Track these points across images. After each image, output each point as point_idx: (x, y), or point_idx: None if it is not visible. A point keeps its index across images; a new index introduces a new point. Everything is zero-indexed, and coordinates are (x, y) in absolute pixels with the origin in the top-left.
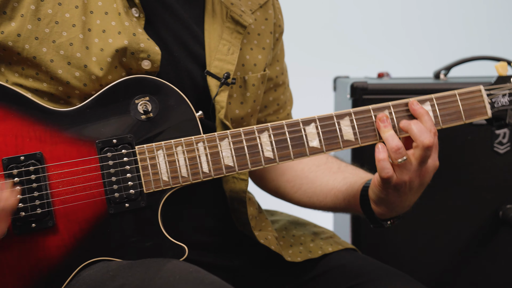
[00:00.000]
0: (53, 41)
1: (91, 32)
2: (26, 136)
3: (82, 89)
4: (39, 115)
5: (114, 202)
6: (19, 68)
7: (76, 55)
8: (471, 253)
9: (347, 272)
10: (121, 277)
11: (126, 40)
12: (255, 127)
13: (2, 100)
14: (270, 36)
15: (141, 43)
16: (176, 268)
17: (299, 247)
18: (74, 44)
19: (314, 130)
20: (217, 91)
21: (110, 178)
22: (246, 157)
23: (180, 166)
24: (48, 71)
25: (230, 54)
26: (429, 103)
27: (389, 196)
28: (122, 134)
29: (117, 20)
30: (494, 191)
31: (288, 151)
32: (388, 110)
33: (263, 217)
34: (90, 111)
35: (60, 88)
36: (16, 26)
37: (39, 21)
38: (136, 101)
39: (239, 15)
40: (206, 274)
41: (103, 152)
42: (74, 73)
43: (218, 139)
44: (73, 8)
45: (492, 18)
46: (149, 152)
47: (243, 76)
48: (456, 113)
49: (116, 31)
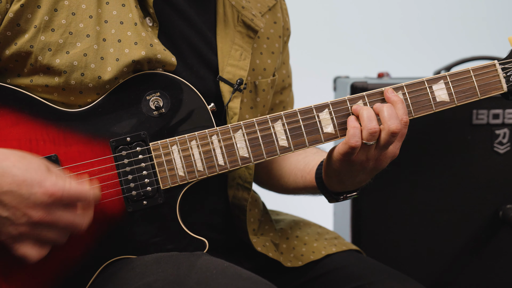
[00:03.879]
0: (67, 52)
1: (105, 42)
2: (40, 139)
3: (94, 98)
4: (51, 117)
5: (131, 200)
6: (27, 80)
7: (90, 66)
8: (471, 253)
9: (348, 273)
10: (150, 274)
11: (143, 51)
12: (268, 116)
13: (13, 104)
14: (279, 40)
15: (158, 54)
16: (210, 264)
17: (302, 247)
18: (88, 54)
19: (327, 116)
20: (230, 97)
21: (126, 177)
22: (261, 147)
23: (195, 160)
24: (60, 82)
25: (242, 59)
26: (443, 81)
27: (341, 170)
28: (136, 132)
29: (133, 30)
30: (494, 191)
31: (303, 138)
32: (401, 90)
33: (268, 219)
34: (101, 110)
35: (72, 98)
36: (29, 37)
37: (53, 32)
38: (148, 97)
39: (250, 19)
40: (241, 269)
41: (117, 151)
42: (87, 84)
43: (232, 130)
44: (87, 18)
45: (492, 18)
46: (163, 148)
47: (254, 81)
48: (471, 89)
49: (132, 41)
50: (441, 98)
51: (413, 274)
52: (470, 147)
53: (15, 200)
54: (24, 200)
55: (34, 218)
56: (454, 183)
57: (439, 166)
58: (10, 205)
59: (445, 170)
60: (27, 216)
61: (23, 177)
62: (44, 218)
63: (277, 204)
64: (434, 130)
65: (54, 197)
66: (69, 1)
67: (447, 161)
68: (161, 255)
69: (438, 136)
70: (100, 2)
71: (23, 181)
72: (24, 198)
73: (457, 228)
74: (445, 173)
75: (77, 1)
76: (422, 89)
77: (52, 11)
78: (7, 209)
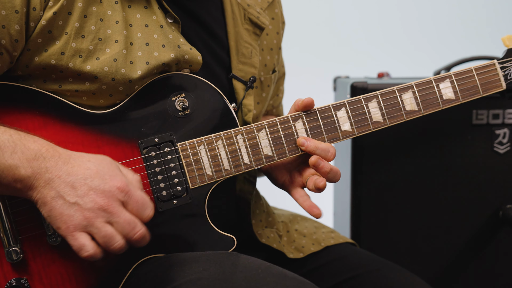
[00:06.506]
0: (97, 58)
1: (133, 46)
2: (69, 141)
3: (123, 98)
4: (78, 119)
5: (162, 200)
6: (55, 86)
7: (121, 71)
8: (471, 253)
9: (347, 263)
10: (192, 272)
11: (172, 54)
12: (289, 115)
13: (40, 107)
14: (277, 37)
15: (186, 55)
16: (253, 263)
17: (302, 240)
18: (118, 60)
19: (344, 114)
20: (243, 95)
21: (156, 177)
22: (283, 145)
23: (222, 159)
24: (91, 87)
25: (252, 57)
26: (448, 80)
27: None
28: (163, 133)
29: (160, 32)
30: (494, 191)
31: (323, 136)
32: (411, 89)
33: (271, 211)
34: (128, 112)
35: (101, 101)
36: (60, 44)
37: (83, 38)
38: (173, 98)
39: (256, 17)
40: (283, 269)
41: (146, 152)
42: (118, 88)
43: (255, 130)
44: (114, 24)
45: (492, 18)
46: (191, 149)
47: (259, 77)
48: (474, 87)
49: (159, 44)
50: (448, 96)
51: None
52: (470, 147)
53: (86, 187)
54: (94, 188)
55: (100, 203)
56: (454, 183)
57: (439, 166)
58: (81, 191)
59: (445, 170)
60: (94, 201)
61: (96, 169)
62: (108, 206)
63: (277, 202)
64: (434, 130)
65: (121, 191)
66: (97, 7)
67: (447, 161)
68: (198, 254)
69: (438, 136)
70: (123, 6)
71: (96, 172)
72: (95, 186)
73: (457, 228)
74: (445, 173)
75: (103, 8)
76: (430, 87)
77: (82, 17)
78: (77, 195)
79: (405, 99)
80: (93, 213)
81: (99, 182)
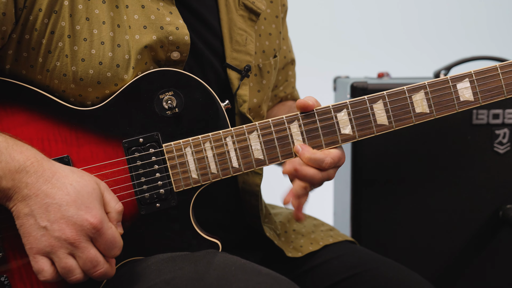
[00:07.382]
0: (84, 39)
1: (120, 29)
2: (52, 139)
3: (112, 89)
4: (62, 115)
5: (145, 203)
6: (43, 71)
7: (108, 55)
8: (471, 253)
9: (346, 262)
10: (168, 271)
11: (154, 35)
12: (284, 117)
13: (24, 103)
14: (276, 21)
15: (170, 36)
16: (227, 260)
17: (301, 239)
18: (105, 42)
19: (346, 116)
20: (238, 85)
21: (139, 179)
22: (276, 149)
23: (209, 162)
24: (78, 70)
25: (247, 44)
26: (467, 79)
27: None
28: (148, 132)
29: (140, 13)
30: (494, 191)
31: (319, 139)
32: (424, 89)
33: (268, 211)
34: (114, 109)
35: (89, 89)
36: (51, 23)
37: (71, 17)
38: (161, 96)
39: (251, 2)
40: (258, 265)
41: (130, 152)
42: (106, 73)
43: (246, 132)
44: (100, 4)
45: (492, 18)
46: (177, 150)
47: (257, 64)
48: (498, 88)
49: (140, 26)
50: (465, 97)
51: None
52: (470, 147)
53: (59, 214)
54: (66, 217)
55: (67, 235)
56: (454, 183)
57: (439, 166)
58: (53, 217)
59: (445, 170)
60: (62, 231)
61: (75, 197)
62: (75, 240)
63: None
64: (434, 130)
65: (93, 227)
66: None
67: (447, 161)
68: (176, 254)
69: (438, 136)
70: None
71: (74, 201)
72: (67, 216)
73: (457, 228)
74: (445, 173)
75: None
76: (445, 87)
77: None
78: (48, 219)
79: (415, 101)
80: (58, 242)
81: (73, 212)
